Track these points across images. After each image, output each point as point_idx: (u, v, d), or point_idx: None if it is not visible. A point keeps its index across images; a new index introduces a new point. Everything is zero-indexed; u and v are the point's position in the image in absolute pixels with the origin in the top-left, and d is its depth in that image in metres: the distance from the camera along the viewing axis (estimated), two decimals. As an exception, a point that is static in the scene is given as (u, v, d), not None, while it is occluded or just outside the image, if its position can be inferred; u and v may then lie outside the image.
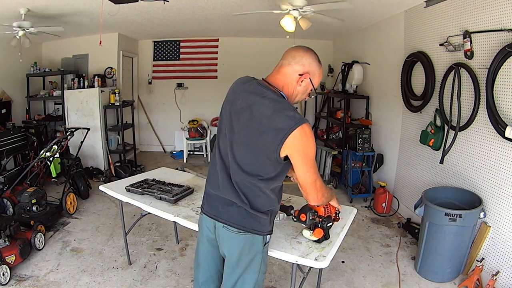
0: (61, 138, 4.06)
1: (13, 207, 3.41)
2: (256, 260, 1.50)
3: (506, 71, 2.36)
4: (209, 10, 4.08)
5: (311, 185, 1.43)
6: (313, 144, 1.37)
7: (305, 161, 1.37)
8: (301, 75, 1.42)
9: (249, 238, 1.46)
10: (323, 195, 1.50)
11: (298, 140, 1.32)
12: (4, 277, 2.50)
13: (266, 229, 1.49)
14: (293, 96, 1.46)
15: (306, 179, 1.41)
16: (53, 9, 3.75)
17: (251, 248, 1.48)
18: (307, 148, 1.35)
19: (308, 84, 1.45)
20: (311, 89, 1.47)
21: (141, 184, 2.52)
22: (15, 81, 5.21)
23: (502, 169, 2.44)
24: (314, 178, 1.42)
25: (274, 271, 2.80)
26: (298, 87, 1.44)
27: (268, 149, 1.34)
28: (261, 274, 1.53)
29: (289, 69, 1.42)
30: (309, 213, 1.62)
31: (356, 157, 4.36)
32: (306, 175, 1.40)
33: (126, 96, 6.15)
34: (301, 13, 3.28)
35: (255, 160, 1.39)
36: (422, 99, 3.38)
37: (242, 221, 1.45)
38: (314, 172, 1.41)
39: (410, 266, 2.86)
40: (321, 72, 1.49)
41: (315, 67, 1.44)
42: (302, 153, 1.36)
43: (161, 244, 3.23)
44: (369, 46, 4.81)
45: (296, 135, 1.31)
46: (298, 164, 1.38)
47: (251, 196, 1.43)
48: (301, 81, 1.42)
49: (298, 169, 1.39)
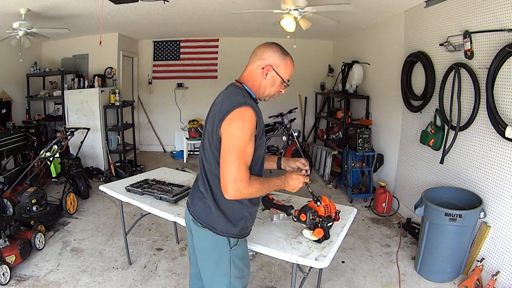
0: (61, 138, 4.07)
1: (13, 207, 3.41)
2: (222, 262, 1.48)
3: (506, 71, 2.36)
4: (209, 10, 4.08)
5: (228, 173, 1.30)
6: (242, 128, 1.30)
7: (229, 141, 1.31)
8: (263, 69, 1.45)
9: (212, 236, 1.46)
10: (241, 191, 1.32)
11: (230, 120, 1.32)
12: (4, 277, 2.50)
13: (227, 231, 1.45)
14: (261, 89, 1.49)
15: (224, 165, 1.32)
16: (53, 9, 3.75)
17: (216, 247, 1.47)
18: (234, 129, 1.31)
19: (275, 76, 1.46)
20: (281, 80, 1.48)
21: (141, 184, 2.52)
22: (15, 81, 5.21)
23: (502, 169, 2.44)
24: (235, 168, 1.29)
25: (274, 271, 2.80)
26: (264, 80, 1.47)
27: (213, 132, 1.38)
28: (234, 278, 1.50)
29: (253, 65, 1.48)
30: (309, 213, 1.62)
31: (356, 157, 4.36)
32: (226, 158, 1.31)
33: (126, 96, 6.15)
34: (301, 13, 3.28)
35: (209, 146, 1.42)
36: (422, 99, 3.38)
37: (205, 217, 1.47)
38: (236, 159, 1.29)
39: (410, 266, 2.86)
40: (288, 63, 1.48)
41: (277, 58, 1.46)
42: (228, 133, 1.32)
43: (161, 244, 3.23)
44: (369, 46, 4.81)
45: (232, 115, 1.32)
46: (223, 144, 1.33)
47: (215, 188, 1.43)
48: (265, 74, 1.46)
49: (221, 151, 1.34)
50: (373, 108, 4.69)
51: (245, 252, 1.55)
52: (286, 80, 1.50)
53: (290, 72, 1.50)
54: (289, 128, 5.60)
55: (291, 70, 1.50)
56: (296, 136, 5.37)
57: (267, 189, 1.43)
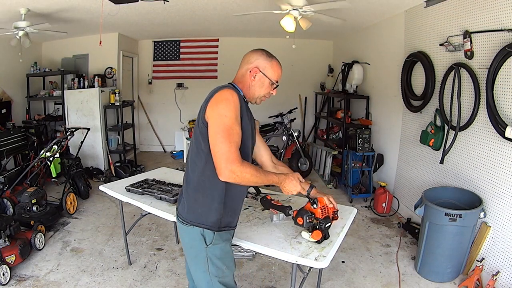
0: (61, 138, 4.07)
1: (13, 207, 3.41)
2: (200, 258, 1.51)
3: (506, 71, 2.36)
4: (209, 10, 4.08)
5: (220, 153, 1.32)
6: (227, 108, 1.35)
7: (216, 122, 1.35)
8: (251, 71, 1.52)
9: (189, 230, 1.50)
10: (234, 171, 1.32)
11: (215, 102, 1.38)
12: (4, 277, 2.50)
13: (202, 222, 1.47)
14: (251, 91, 1.55)
15: (215, 146, 1.34)
16: (53, 9, 3.75)
17: (193, 242, 1.51)
18: (220, 109, 1.36)
19: (262, 77, 1.53)
20: (269, 81, 1.54)
21: (141, 184, 2.52)
22: (15, 81, 5.21)
23: (502, 169, 2.44)
24: (226, 147, 1.32)
25: (274, 271, 2.80)
26: (252, 82, 1.53)
27: (200, 117, 1.43)
28: (213, 276, 1.50)
29: (242, 70, 1.56)
30: (306, 216, 1.61)
31: (356, 157, 4.36)
32: (215, 138, 1.34)
33: (126, 96, 6.15)
34: (301, 13, 3.28)
35: (194, 134, 1.47)
36: (422, 99, 3.38)
37: (182, 209, 1.53)
38: (226, 138, 1.32)
39: (410, 266, 2.86)
40: (274, 65, 1.54)
41: (263, 60, 1.53)
42: (215, 114, 1.36)
43: (161, 244, 3.23)
44: (369, 46, 4.81)
45: (216, 97, 1.39)
46: (210, 126, 1.37)
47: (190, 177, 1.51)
48: (253, 76, 1.52)
49: (210, 133, 1.37)
50: (373, 108, 4.69)
51: (224, 252, 1.53)
52: (274, 81, 1.55)
53: (277, 73, 1.56)
54: (289, 128, 5.60)
55: (278, 72, 1.56)
56: (296, 136, 5.44)
57: (262, 178, 1.43)
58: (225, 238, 1.54)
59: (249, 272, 2.79)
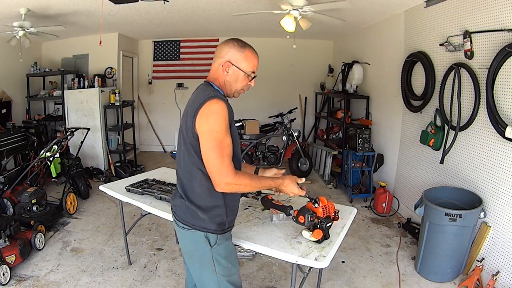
0: (61, 138, 4.07)
1: (13, 207, 3.41)
2: (206, 260, 1.48)
3: (506, 71, 2.36)
4: (209, 10, 4.08)
5: (214, 168, 1.34)
6: (217, 122, 1.33)
7: (208, 138, 1.33)
8: (223, 66, 1.46)
9: (192, 235, 1.46)
10: (230, 183, 1.36)
11: (204, 116, 1.33)
12: (4, 277, 2.50)
13: (206, 227, 1.44)
14: (227, 86, 1.49)
15: (209, 162, 1.35)
16: (53, 9, 3.75)
17: (196, 246, 1.48)
18: (210, 125, 1.33)
19: (236, 71, 1.46)
20: (244, 74, 1.47)
21: (141, 184, 2.52)
22: (15, 81, 5.21)
23: (502, 169, 2.44)
24: (219, 162, 1.33)
25: (274, 271, 2.80)
26: (226, 77, 1.47)
27: (188, 128, 1.38)
28: (220, 276, 1.49)
29: (215, 65, 1.49)
30: (307, 214, 1.62)
31: (356, 157, 4.36)
32: (208, 154, 1.34)
33: (126, 96, 6.16)
34: (301, 13, 3.28)
35: (183, 142, 1.43)
36: (422, 99, 3.38)
37: (183, 215, 1.48)
38: (218, 154, 1.33)
39: (410, 266, 2.86)
40: (248, 55, 1.46)
41: (235, 52, 1.45)
42: (205, 129, 1.33)
43: (161, 244, 3.23)
44: (369, 46, 4.81)
45: (205, 110, 1.33)
46: (202, 141, 1.35)
47: (189, 187, 1.46)
48: (226, 71, 1.46)
49: (202, 148, 1.36)
50: (373, 108, 4.69)
51: (229, 250, 1.52)
52: (249, 72, 1.48)
53: (252, 63, 1.48)
54: (289, 128, 5.60)
55: (253, 62, 1.48)
56: (296, 136, 5.44)
57: (257, 185, 1.45)
58: (227, 236, 1.53)
59: (249, 272, 2.79)
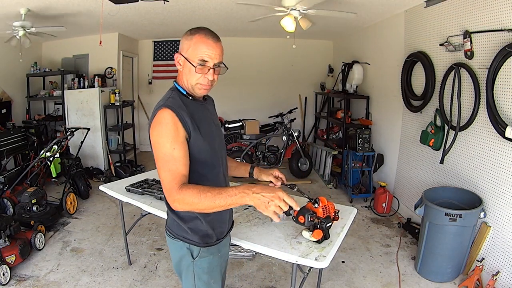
0: (61, 138, 4.07)
1: (13, 207, 3.41)
2: (188, 273, 1.38)
3: (506, 71, 2.36)
4: (209, 10, 4.07)
5: (162, 185, 1.21)
6: (161, 133, 1.19)
7: (154, 151, 1.22)
8: (176, 59, 1.32)
9: (175, 244, 1.37)
10: (175, 200, 1.17)
11: (151, 128, 1.22)
12: (4, 277, 2.50)
13: (190, 238, 1.34)
14: (185, 82, 1.31)
15: (159, 175, 1.22)
16: (53, 9, 3.75)
17: (180, 257, 1.37)
18: (154, 137, 1.21)
19: (184, 62, 1.27)
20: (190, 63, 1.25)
21: (141, 184, 2.52)
22: (15, 81, 5.21)
23: (502, 169, 2.44)
24: (162, 177, 1.20)
25: (274, 271, 2.80)
26: (181, 69, 1.31)
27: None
28: None
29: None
30: (307, 215, 1.61)
31: (356, 157, 4.36)
32: (157, 169, 1.23)
33: (126, 96, 6.15)
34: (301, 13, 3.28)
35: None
36: (422, 99, 3.38)
37: (170, 223, 1.40)
38: (161, 167, 1.20)
39: (410, 266, 2.86)
40: (198, 39, 1.24)
41: (184, 40, 1.28)
42: (152, 142, 1.22)
43: (161, 244, 3.23)
44: (369, 46, 4.81)
45: (153, 120, 1.23)
46: (154, 154, 1.24)
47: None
48: (178, 63, 1.31)
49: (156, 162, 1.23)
50: (373, 108, 4.69)
51: (213, 266, 1.40)
52: (198, 61, 1.24)
53: (202, 50, 1.23)
54: (289, 128, 5.60)
55: (201, 48, 1.24)
56: (296, 136, 5.44)
57: (214, 198, 1.13)
58: (213, 251, 1.39)
59: (249, 272, 2.79)
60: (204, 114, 1.35)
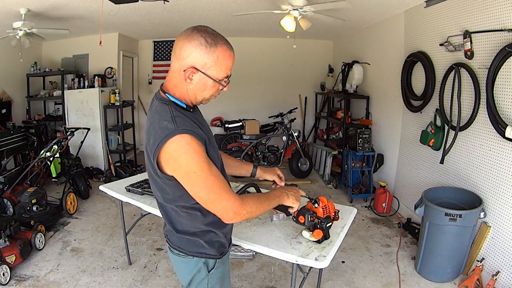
0: (61, 138, 4.07)
1: (13, 207, 3.41)
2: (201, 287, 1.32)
3: (506, 71, 2.36)
4: (209, 10, 4.08)
5: (213, 207, 1.15)
6: (192, 161, 1.07)
7: (189, 181, 1.11)
8: (185, 71, 1.11)
9: (188, 262, 1.29)
10: (239, 214, 1.16)
11: (172, 158, 1.08)
12: (4, 277, 2.50)
13: (207, 252, 1.28)
14: (191, 96, 1.17)
15: (203, 202, 1.15)
16: (53, 9, 3.75)
17: (193, 275, 1.30)
18: (184, 167, 1.08)
19: (204, 78, 1.12)
20: (214, 80, 1.13)
21: (141, 184, 2.52)
22: (15, 81, 5.21)
23: (502, 169, 2.44)
24: (215, 198, 1.13)
25: (274, 271, 2.80)
26: (190, 85, 1.14)
27: (152, 167, 1.15)
28: None
29: (175, 66, 1.15)
30: (308, 214, 1.61)
31: (356, 157, 4.36)
32: (199, 196, 1.13)
33: (126, 96, 6.15)
34: (301, 13, 3.28)
35: (154, 177, 1.19)
36: (422, 99, 3.38)
37: (177, 241, 1.29)
38: (210, 191, 1.12)
39: (410, 266, 2.87)
40: (220, 55, 1.10)
41: (201, 54, 1.09)
42: (182, 173, 1.10)
43: (161, 244, 3.23)
44: (369, 46, 4.81)
45: (167, 151, 1.07)
46: (184, 184, 1.12)
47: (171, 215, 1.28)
48: (189, 78, 1.12)
49: (188, 190, 1.13)
50: (373, 108, 4.69)
51: (224, 274, 1.37)
52: (222, 78, 1.14)
53: (226, 65, 1.13)
54: (289, 128, 5.60)
55: (227, 64, 1.13)
56: (296, 136, 5.44)
57: (267, 203, 1.29)
58: (225, 260, 1.37)
59: (249, 272, 2.79)
60: (203, 121, 1.27)
